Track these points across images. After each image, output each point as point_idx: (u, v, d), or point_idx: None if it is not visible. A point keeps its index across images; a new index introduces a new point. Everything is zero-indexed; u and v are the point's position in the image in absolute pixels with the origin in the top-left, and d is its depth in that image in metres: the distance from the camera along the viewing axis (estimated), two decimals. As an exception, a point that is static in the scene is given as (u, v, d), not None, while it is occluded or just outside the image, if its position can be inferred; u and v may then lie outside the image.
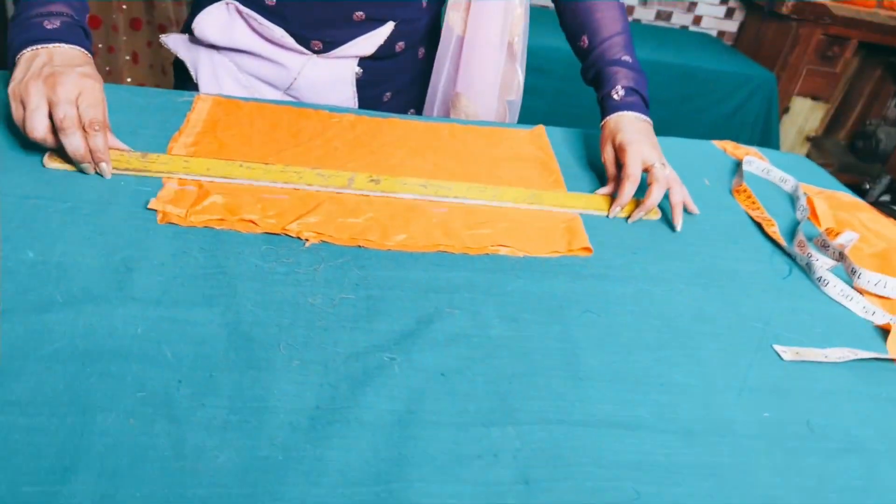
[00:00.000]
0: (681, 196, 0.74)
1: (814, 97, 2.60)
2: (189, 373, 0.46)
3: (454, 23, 0.91)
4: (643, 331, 0.58)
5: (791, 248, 0.73)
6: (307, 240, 0.61)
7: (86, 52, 0.66)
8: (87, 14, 0.70)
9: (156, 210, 0.61)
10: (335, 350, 0.50)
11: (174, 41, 0.91)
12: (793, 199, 0.85)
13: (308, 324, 0.52)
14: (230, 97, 0.83)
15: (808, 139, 2.65)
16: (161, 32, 2.21)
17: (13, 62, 0.64)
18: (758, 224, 0.77)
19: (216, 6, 0.86)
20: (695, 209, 0.76)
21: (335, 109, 0.85)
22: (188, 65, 0.90)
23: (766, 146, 2.44)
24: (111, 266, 0.54)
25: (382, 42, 0.89)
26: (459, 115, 0.96)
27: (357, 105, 0.93)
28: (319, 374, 0.48)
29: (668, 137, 0.95)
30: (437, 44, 0.95)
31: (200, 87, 0.88)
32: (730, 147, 0.94)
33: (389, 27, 0.89)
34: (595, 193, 0.76)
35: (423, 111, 1.00)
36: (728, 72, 2.39)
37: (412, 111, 1.01)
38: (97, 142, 0.62)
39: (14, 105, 0.61)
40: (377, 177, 0.70)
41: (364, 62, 0.91)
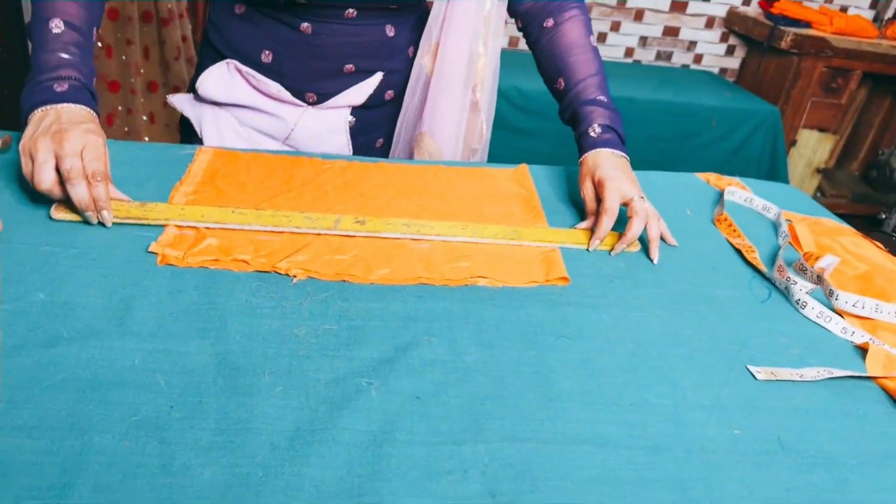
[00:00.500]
0: (658, 230, 0.77)
1: (821, 129, 2.63)
2: (180, 399, 0.50)
3: (424, 64, 0.96)
4: (617, 354, 0.61)
5: (771, 274, 0.75)
6: (295, 276, 0.65)
7: (91, 111, 0.73)
8: (94, 78, 0.77)
9: (156, 253, 0.66)
10: (316, 376, 0.54)
11: (179, 100, 0.98)
12: (776, 227, 0.88)
13: (292, 353, 0.56)
14: (230, 149, 0.89)
15: (819, 171, 2.67)
16: (176, 93, 2.33)
17: (25, 121, 0.71)
18: (739, 251, 0.80)
19: (217, 66, 0.93)
20: (673, 241, 0.80)
21: (328, 157, 0.90)
22: (193, 121, 0.97)
23: (775, 180, 2.46)
24: (113, 305, 0.59)
25: (372, 92, 0.95)
26: (423, 156, 1.00)
27: (351, 152, 0.99)
28: (300, 399, 0.52)
29: (652, 171, 0.99)
30: None
31: (204, 142, 0.95)
32: (712, 178, 0.98)
33: (378, 77, 0.95)
34: (575, 228, 0.80)
35: (390, 150, 1.05)
36: (730, 108, 2.44)
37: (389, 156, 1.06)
38: (99, 191, 0.68)
39: (24, 160, 0.68)
40: (363, 218, 0.75)
41: (356, 111, 0.97)
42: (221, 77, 0.93)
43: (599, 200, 0.80)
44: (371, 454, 0.48)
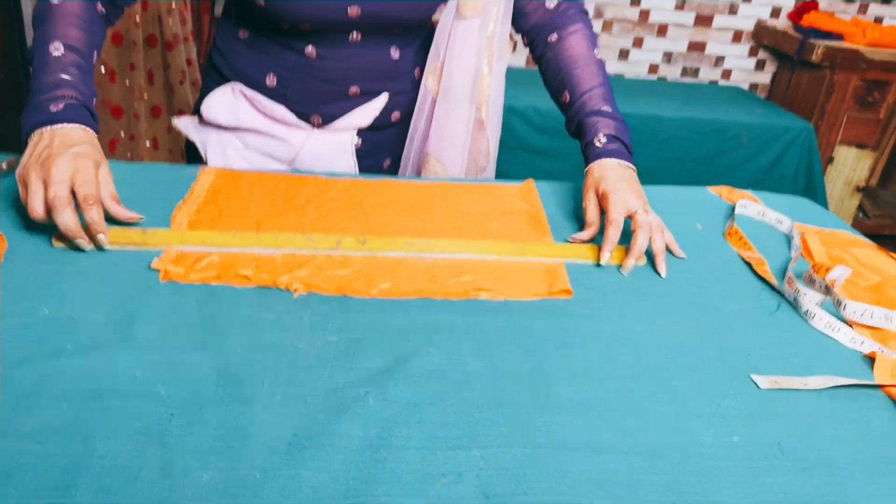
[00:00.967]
0: (662, 242, 0.81)
1: (859, 145, 2.65)
2: (180, 407, 0.55)
3: (430, 85, 1.02)
4: (617, 364, 0.65)
5: (781, 286, 0.79)
6: (296, 291, 0.70)
7: (87, 130, 0.78)
8: (94, 98, 0.83)
9: (158, 270, 0.71)
10: (315, 386, 0.59)
11: (185, 124, 1.05)
12: (789, 240, 0.92)
13: (291, 364, 0.61)
14: (233, 169, 0.95)
15: (859, 189, 2.69)
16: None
17: (25, 143, 0.77)
18: (749, 264, 0.84)
19: (222, 89, 1.00)
20: (680, 253, 0.84)
21: (332, 175, 0.96)
22: (198, 145, 1.03)
23: (812, 198, 2.48)
24: (115, 319, 0.64)
25: (378, 113, 1.01)
26: (430, 175, 1.06)
27: (358, 173, 1.04)
28: (299, 407, 0.56)
29: (664, 186, 1.04)
30: None
31: (209, 165, 1.01)
32: (725, 192, 1.02)
33: (384, 99, 1.01)
34: (570, 238, 0.84)
35: (398, 172, 1.11)
36: (761, 124, 2.48)
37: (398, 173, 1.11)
38: (92, 215, 0.72)
39: (21, 188, 0.73)
40: (364, 238, 0.79)
41: (362, 133, 1.03)
42: (226, 101, 1.00)
43: (603, 213, 0.84)
44: (367, 458, 0.52)
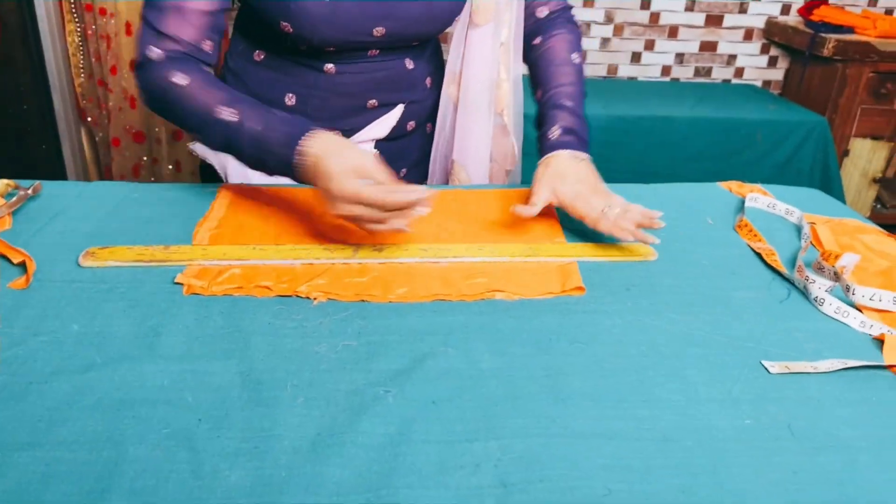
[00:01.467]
0: (629, 223, 0.81)
1: (874, 137, 2.64)
2: (207, 412, 0.58)
3: (450, 94, 1.05)
4: (630, 356, 0.66)
5: (791, 275, 0.80)
6: (315, 299, 0.72)
7: (317, 134, 0.80)
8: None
9: (182, 284, 0.74)
10: (336, 388, 0.61)
11: (202, 147, 1.07)
12: (799, 230, 0.93)
13: (313, 368, 0.63)
14: (251, 184, 0.98)
15: (876, 181, 2.67)
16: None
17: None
18: (759, 255, 0.85)
19: None
20: (655, 218, 0.81)
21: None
22: (217, 168, 1.06)
23: (828, 192, 2.47)
24: (143, 332, 0.67)
25: (395, 124, 1.04)
26: (455, 182, 1.08)
27: None
28: (321, 408, 0.59)
29: (675, 183, 1.05)
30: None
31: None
32: (734, 186, 1.03)
33: (399, 110, 1.04)
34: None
35: (427, 180, 1.13)
36: (775, 121, 2.48)
37: (427, 183, 1.14)
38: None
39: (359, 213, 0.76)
40: (380, 245, 0.82)
41: (379, 143, 1.06)
42: None
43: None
44: (388, 453, 0.54)
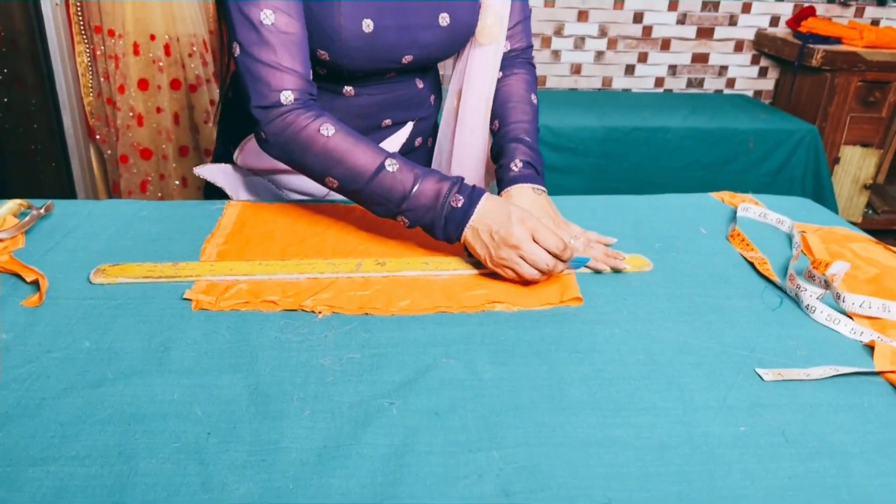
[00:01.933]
0: (600, 249, 0.85)
1: (864, 144, 2.65)
2: (216, 426, 0.58)
3: (453, 109, 1.06)
4: (627, 365, 0.67)
5: (783, 283, 0.80)
6: (320, 312, 0.73)
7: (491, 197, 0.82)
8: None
9: (190, 300, 0.75)
10: (341, 400, 0.61)
11: (210, 172, 1.07)
12: (790, 239, 0.93)
13: (318, 380, 0.63)
14: (258, 201, 0.98)
15: (867, 187, 2.67)
16: (207, 156, 2.49)
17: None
18: (752, 264, 0.86)
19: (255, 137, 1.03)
20: (609, 240, 0.90)
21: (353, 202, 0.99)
22: (228, 191, 1.06)
23: (820, 199, 2.48)
24: (152, 347, 0.67)
25: (405, 141, 1.05)
26: None
27: None
28: (327, 420, 0.59)
29: (668, 194, 1.05)
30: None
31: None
32: (727, 197, 1.04)
33: (409, 127, 1.05)
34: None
35: None
36: (767, 129, 2.49)
37: None
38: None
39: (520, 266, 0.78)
40: (383, 260, 0.82)
41: None
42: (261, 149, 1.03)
43: None
44: (392, 464, 0.54)
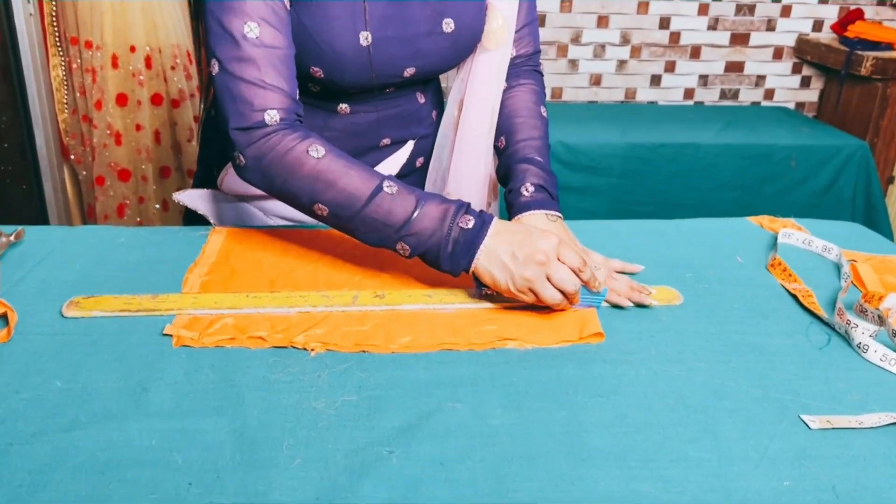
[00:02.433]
0: (625, 282, 0.85)
1: (921, 162, 2.65)
2: (198, 475, 0.58)
3: (453, 118, 1.06)
4: (655, 410, 0.67)
5: (831, 319, 0.80)
6: (313, 349, 0.73)
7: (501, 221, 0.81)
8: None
9: (171, 335, 0.75)
10: (336, 447, 0.61)
11: (190, 198, 1.08)
12: (838, 269, 0.93)
13: (310, 425, 0.64)
14: (245, 226, 0.99)
15: (925, 210, 2.67)
16: (190, 177, 2.51)
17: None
18: (795, 297, 0.85)
19: None
20: (635, 268, 0.91)
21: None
22: (210, 217, 1.07)
23: (872, 223, 2.48)
24: (129, 387, 0.68)
25: (405, 161, 1.06)
26: None
27: None
28: (320, 469, 0.59)
29: (700, 219, 1.06)
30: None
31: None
32: (766, 221, 1.04)
33: (410, 147, 1.06)
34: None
35: None
36: (811, 146, 2.49)
37: None
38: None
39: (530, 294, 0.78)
40: (382, 292, 0.83)
41: None
42: None
43: None
44: (392, 520, 0.54)
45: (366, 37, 0.89)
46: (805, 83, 3.05)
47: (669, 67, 3.02)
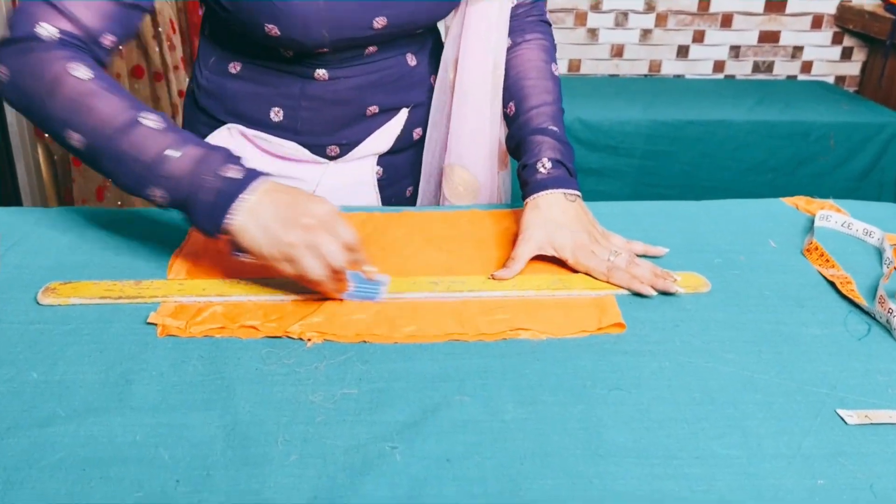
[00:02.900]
0: (646, 272, 0.84)
1: (972, 141, 2.64)
2: (186, 472, 0.59)
3: (448, 80, 1.05)
4: (680, 404, 0.67)
5: (872, 307, 0.81)
6: (309, 340, 0.74)
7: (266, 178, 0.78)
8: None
9: (155, 324, 0.76)
10: (334, 443, 0.62)
11: None
12: (880, 254, 0.93)
13: (307, 420, 0.64)
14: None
15: (976, 193, 2.66)
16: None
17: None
18: (832, 284, 0.86)
19: (217, 133, 1.04)
20: (658, 252, 0.91)
21: (347, 209, 1.01)
22: None
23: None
24: (111, 380, 0.69)
25: (399, 132, 1.06)
26: (456, 189, 1.09)
27: (381, 205, 1.08)
28: (318, 467, 0.60)
29: (727, 200, 1.06)
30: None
31: None
32: (802, 203, 1.04)
33: (403, 115, 1.06)
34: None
35: (419, 191, 1.14)
36: (852, 123, 2.49)
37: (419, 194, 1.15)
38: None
39: (286, 265, 0.75)
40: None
41: (383, 159, 1.08)
42: (223, 145, 1.04)
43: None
44: (395, 521, 0.55)
45: None
46: (846, 55, 3.04)
47: (698, 37, 3.02)
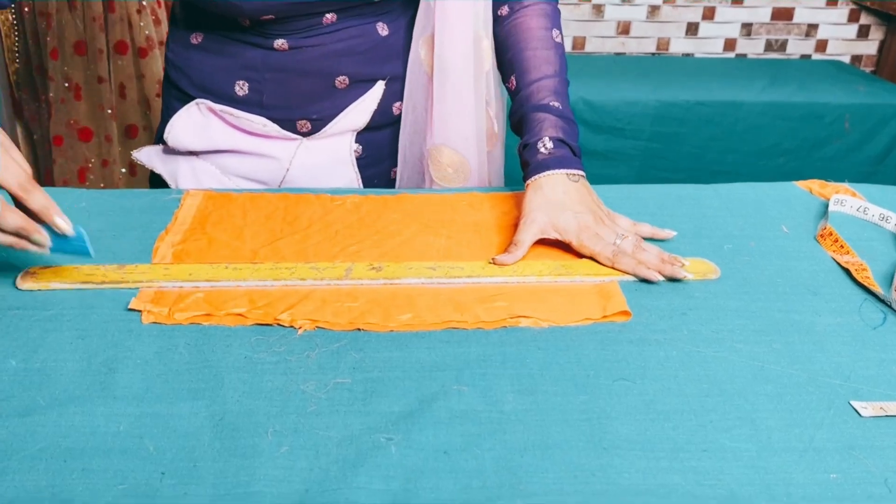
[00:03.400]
0: (654, 258, 0.84)
1: None
2: (172, 464, 0.59)
3: (422, 58, 1.03)
4: (687, 396, 0.67)
5: (887, 295, 0.81)
6: (300, 327, 0.74)
7: None
8: None
9: (139, 310, 0.76)
10: (327, 434, 0.62)
11: (147, 155, 1.09)
12: (897, 239, 0.93)
13: (298, 410, 0.64)
14: (223, 190, 1.00)
15: None
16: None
17: None
18: (847, 271, 0.86)
19: (185, 110, 1.04)
20: (665, 235, 0.91)
21: (338, 192, 1.00)
22: (166, 178, 1.07)
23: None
24: (93, 368, 0.69)
25: (376, 107, 1.05)
26: (444, 171, 1.08)
27: (362, 187, 1.08)
28: (309, 459, 0.60)
29: (738, 183, 1.06)
30: None
31: None
32: (815, 186, 1.04)
33: (380, 88, 1.04)
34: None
35: (397, 176, 1.12)
36: (868, 105, 2.49)
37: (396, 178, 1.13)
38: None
39: None
40: (378, 264, 0.83)
41: (361, 136, 1.07)
42: (192, 121, 1.04)
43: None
44: (390, 515, 0.55)
45: None
46: (863, 33, 3.03)
47: (708, 14, 3.01)
